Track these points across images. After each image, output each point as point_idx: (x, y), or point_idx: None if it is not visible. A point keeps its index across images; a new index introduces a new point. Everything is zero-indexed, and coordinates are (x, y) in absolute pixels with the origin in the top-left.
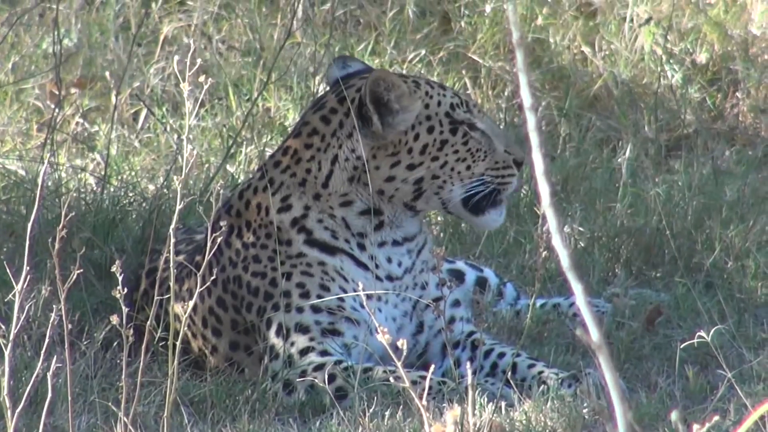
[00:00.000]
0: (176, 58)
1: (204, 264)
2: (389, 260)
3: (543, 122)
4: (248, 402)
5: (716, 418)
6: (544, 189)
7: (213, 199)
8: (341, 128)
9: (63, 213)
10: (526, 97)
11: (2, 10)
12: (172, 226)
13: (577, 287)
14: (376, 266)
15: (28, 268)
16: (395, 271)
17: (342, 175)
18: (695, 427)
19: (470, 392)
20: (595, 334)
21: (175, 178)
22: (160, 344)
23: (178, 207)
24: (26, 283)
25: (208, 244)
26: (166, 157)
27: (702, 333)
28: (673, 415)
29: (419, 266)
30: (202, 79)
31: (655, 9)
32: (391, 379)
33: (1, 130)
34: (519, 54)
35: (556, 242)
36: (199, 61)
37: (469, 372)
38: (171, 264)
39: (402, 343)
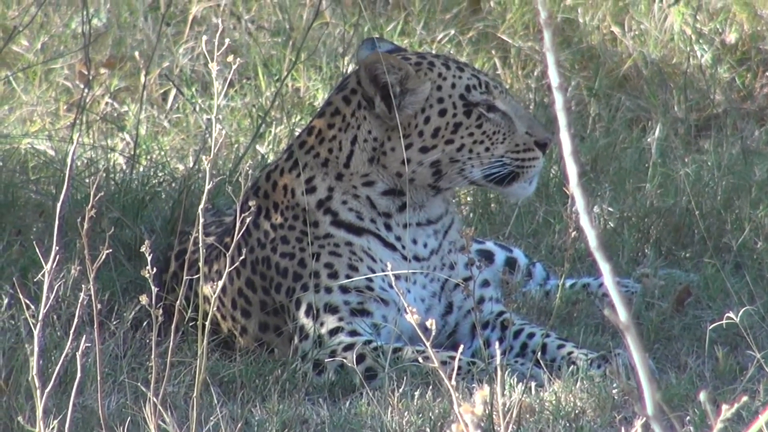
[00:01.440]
0: (205, 38)
1: (233, 245)
2: (415, 241)
3: (572, 102)
4: (278, 382)
5: (745, 398)
6: (571, 169)
7: (242, 180)
8: (360, 109)
9: (92, 193)
10: (554, 77)
11: None
12: (201, 206)
13: (604, 267)
14: (403, 247)
15: (57, 247)
16: (422, 252)
17: (362, 156)
18: (724, 407)
19: (499, 373)
20: (623, 315)
21: (204, 158)
22: (190, 325)
23: (207, 187)
24: (56, 263)
25: (237, 225)
26: (195, 137)
27: (731, 314)
28: (702, 396)
29: (446, 247)
30: (230, 59)
31: None
32: (420, 360)
33: (30, 110)
34: (547, 33)
35: (584, 222)
36: (227, 41)
37: (498, 352)
38: (200, 244)
39: (431, 324)
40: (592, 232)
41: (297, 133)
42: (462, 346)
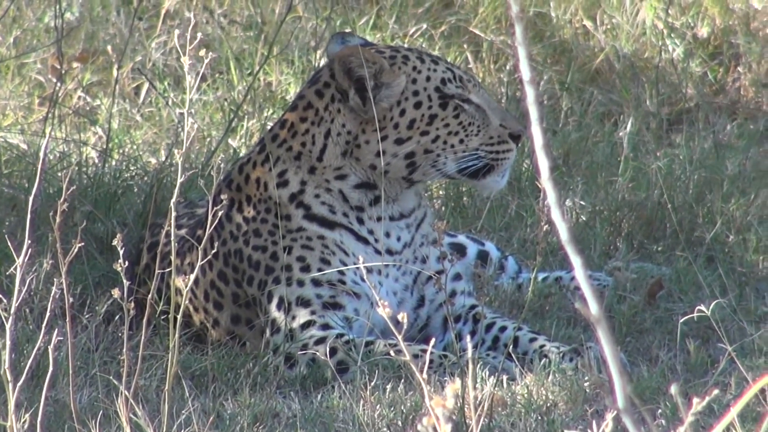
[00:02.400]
0: (177, 32)
1: (205, 238)
2: (387, 235)
3: (545, 96)
4: (250, 375)
5: (716, 391)
6: (543, 163)
7: (214, 173)
8: (333, 102)
9: (65, 187)
10: (525, 71)
11: None
12: (173, 199)
13: (576, 260)
14: (375, 240)
15: (29, 241)
16: (394, 245)
17: (335, 149)
18: (695, 400)
19: (471, 366)
20: (594, 308)
21: (176, 151)
22: (162, 318)
23: (180, 180)
24: (28, 257)
25: (209, 217)
26: (167, 131)
27: (702, 307)
28: (674, 389)
29: (419, 240)
30: (203, 53)
31: None
32: (392, 353)
33: (3, 104)
34: (518, 27)
35: (555, 216)
36: (200, 35)
37: (470, 346)
38: (172, 237)
39: (403, 317)
40: (564, 226)
41: (269, 127)
42: (434, 340)
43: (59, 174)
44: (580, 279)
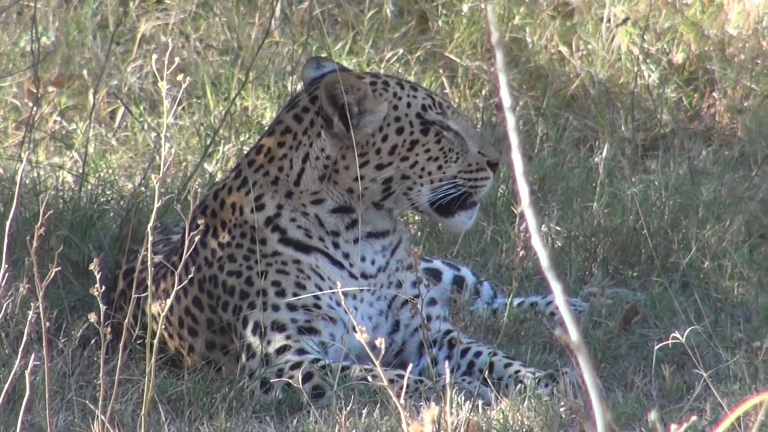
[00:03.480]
0: (154, 56)
1: (181, 264)
2: (363, 258)
3: (520, 122)
4: (225, 400)
5: (694, 418)
6: (523, 189)
7: (191, 198)
8: (312, 127)
9: (42, 211)
10: (505, 98)
11: None
12: (150, 224)
13: (556, 287)
14: (351, 265)
15: (6, 266)
16: (369, 269)
17: (313, 173)
18: (673, 427)
19: (448, 391)
20: (574, 334)
21: (153, 176)
22: (137, 342)
23: (156, 205)
24: (4, 281)
25: (185, 244)
26: (143, 155)
27: (677, 333)
28: (652, 415)
29: (394, 265)
30: (180, 77)
31: (632, 9)
32: (369, 378)
33: None
34: (499, 54)
35: (535, 242)
36: (177, 59)
37: (447, 371)
38: (149, 262)
39: (380, 342)
40: (544, 252)
41: (245, 152)
42: (411, 365)
43: (35, 198)
44: (560, 305)
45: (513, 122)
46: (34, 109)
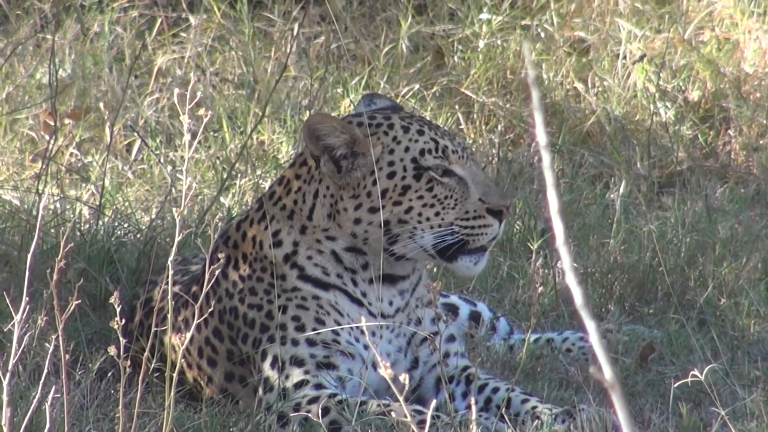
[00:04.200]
0: (176, 90)
1: (202, 295)
2: (380, 299)
3: (535, 158)
4: None
5: None
6: (558, 227)
7: (211, 231)
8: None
9: (62, 244)
10: (541, 136)
11: None
12: (171, 257)
13: (590, 325)
14: (369, 303)
15: (27, 298)
16: (386, 309)
17: (322, 210)
18: None
19: (474, 427)
20: (608, 372)
21: (174, 210)
22: (155, 375)
23: (177, 239)
24: (25, 314)
25: (206, 274)
26: (159, 188)
27: (696, 371)
28: None
29: (413, 304)
30: (201, 112)
31: (648, 46)
32: (393, 414)
33: None
34: (534, 93)
35: (570, 280)
36: (199, 93)
37: (474, 407)
38: (170, 295)
39: (404, 378)
40: (578, 290)
41: (268, 184)
42: (435, 402)
43: (53, 231)
44: (594, 343)
45: (548, 160)
46: (52, 141)
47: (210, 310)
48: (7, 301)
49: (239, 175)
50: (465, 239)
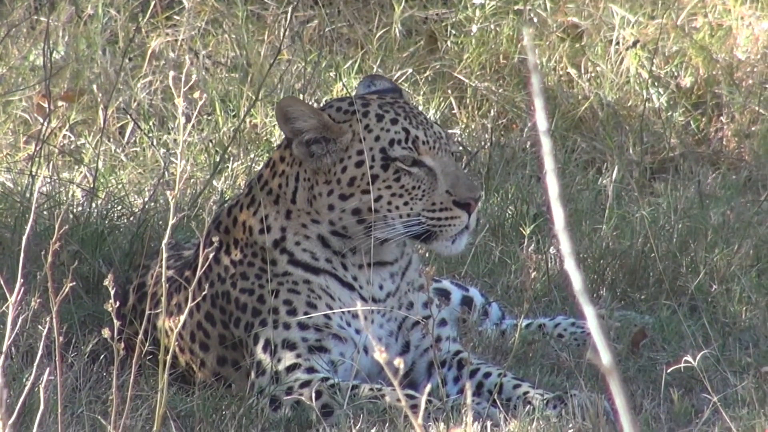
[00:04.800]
0: (171, 73)
1: (195, 279)
2: (371, 283)
3: (527, 143)
4: (235, 417)
5: None
6: (557, 212)
7: (205, 215)
8: None
9: (57, 226)
10: (541, 121)
11: None
12: (165, 240)
13: (589, 310)
14: (360, 287)
15: (21, 280)
16: (377, 293)
17: (304, 194)
18: None
19: (469, 413)
20: (606, 358)
21: (168, 193)
22: (147, 358)
23: (171, 222)
24: (19, 296)
25: (200, 259)
26: (152, 171)
27: (689, 357)
28: None
29: (404, 288)
30: (197, 95)
31: (641, 32)
32: (388, 399)
33: None
34: (535, 78)
35: (569, 265)
36: (194, 77)
37: (469, 392)
38: (163, 278)
39: (399, 362)
40: (577, 276)
41: (257, 168)
42: (429, 385)
43: (45, 213)
44: (592, 329)
45: (548, 146)
46: (45, 123)
47: (203, 294)
48: (1, 282)
49: (232, 159)
50: (431, 230)
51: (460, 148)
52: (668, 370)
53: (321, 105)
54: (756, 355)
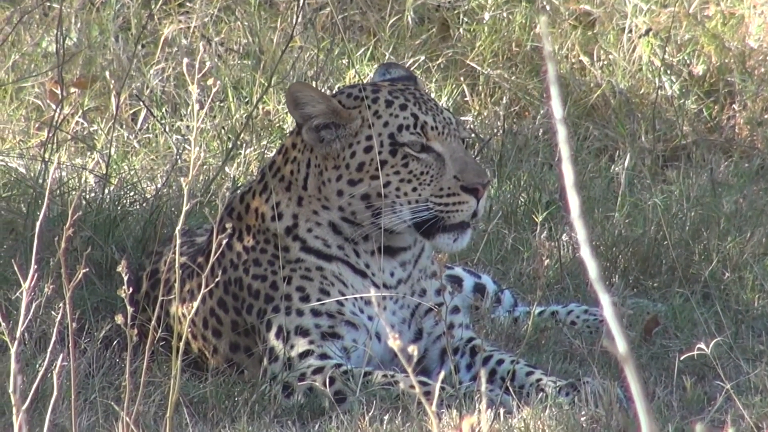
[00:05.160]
0: (185, 60)
1: (208, 266)
2: (383, 270)
3: (540, 131)
4: (247, 404)
5: (731, 430)
6: (573, 200)
7: (218, 201)
8: None
9: (70, 212)
10: (557, 109)
11: (4, 8)
12: (178, 227)
13: (604, 298)
14: (373, 274)
15: (35, 266)
16: (388, 280)
17: (314, 180)
18: None
19: (483, 399)
20: (622, 346)
21: (182, 180)
22: (160, 344)
23: (185, 208)
24: (33, 282)
25: (214, 245)
26: (164, 157)
27: (702, 345)
28: (698, 428)
29: (416, 275)
30: (210, 82)
31: (653, 20)
32: (401, 385)
33: (1, 128)
34: (550, 67)
35: (585, 253)
36: (207, 64)
37: (483, 379)
38: (177, 265)
39: (413, 349)
40: (593, 263)
41: (270, 155)
42: (443, 372)
43: (58, 199)
44: (607, 316)
45: (564, 134)
46: (58, 110)
47: (216, 280)
48: (15, 268)
49: (244, 145)
50: (440, 216)
51: (473, 135)
52: (681, 358)
53: (333, 92)
54: None
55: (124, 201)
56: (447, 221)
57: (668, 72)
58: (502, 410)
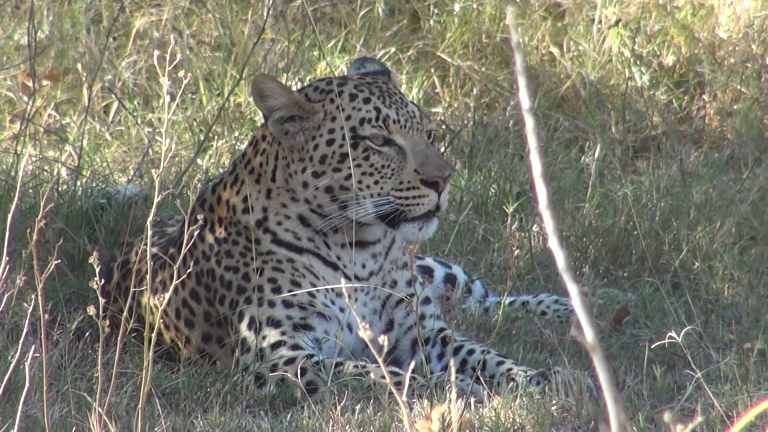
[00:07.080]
0: (156, 52)
1: (180, 257)
2: (354, 263)
3: (511, 122)
4: (220, 394)
5: (700, 418)
6: (541, 191)
7: (190, 193)
8: None
9: (42, 203)
10: (524, 99)
11: None
12: (150, 218)
13: (572, 288)
14: (344, 266)
15: (7, 258)
16: (360, 272)
17: (282, 173)
18: (679, 427)
19: (453, 389)
20: (589, 335)
21: (153, 171)
22: (132, 335)
23: (156, 200)
24: (4, 273)
25: (185, 236)
26: (136, 149)
27: (673, 334)
28: (667, 417)
29: (387, 267)
30: (181, 74)
31: (623, 11)
32: (372, 376)
33: None
34: (518, 57)
35: (553, 243)
36: (178, 56)
37: (452, 369)
38: (148, 256)
39: (383, 340)
40: (561, 254)
41: (241, 147)
42: (413, 362)
43: (30, 191)
44: (576, 306)
45: (532, 124)
46: (30, 102)
47: (188, 271)
48: None
49: (216, 137)
50: (400, 209)
51: (444, 127)
52: (651, 347)
53: (304, 84)
54: (738, 332)
55: (96, 193)
56: (409, 214)
57: (638, 63)
58: (472, 400)
